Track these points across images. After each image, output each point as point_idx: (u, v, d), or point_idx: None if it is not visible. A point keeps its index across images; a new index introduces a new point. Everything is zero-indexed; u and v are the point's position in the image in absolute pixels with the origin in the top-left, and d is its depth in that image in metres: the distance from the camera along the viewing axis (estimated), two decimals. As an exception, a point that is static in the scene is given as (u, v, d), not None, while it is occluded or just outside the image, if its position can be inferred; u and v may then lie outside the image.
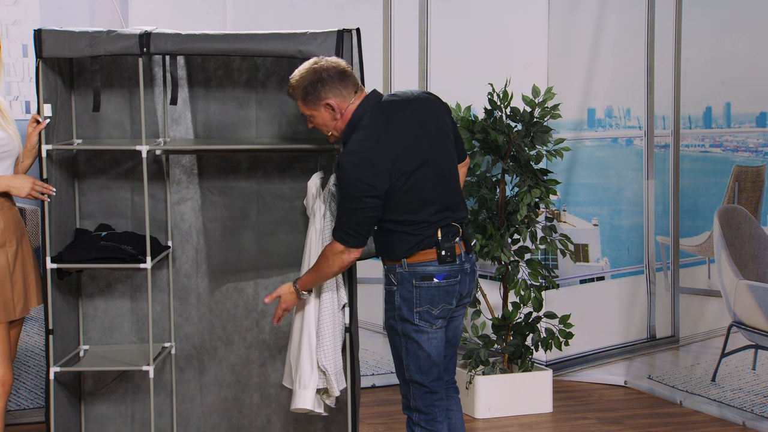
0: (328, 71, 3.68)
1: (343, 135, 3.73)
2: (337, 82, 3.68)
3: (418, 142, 3.68)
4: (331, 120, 3.72)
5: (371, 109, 3.70)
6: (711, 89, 5.40)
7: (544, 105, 5.24)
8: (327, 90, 3.68)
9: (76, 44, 4.09)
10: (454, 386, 3.96)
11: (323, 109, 3.71)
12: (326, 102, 3.69)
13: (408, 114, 3.71)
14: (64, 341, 4.39)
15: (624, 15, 5.75)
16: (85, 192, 4.59)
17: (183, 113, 4.61)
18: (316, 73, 3.69)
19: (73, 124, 4.53)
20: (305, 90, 3.69)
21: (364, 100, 3.72)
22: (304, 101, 3.71)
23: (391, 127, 3.67)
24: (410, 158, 3.65)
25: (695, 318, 5.54)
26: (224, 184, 4.65)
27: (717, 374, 5.36)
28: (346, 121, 3.71)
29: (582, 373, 5.95)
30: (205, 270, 4.68)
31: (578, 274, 5.89)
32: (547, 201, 5.26)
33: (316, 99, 3.69)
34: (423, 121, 3.72)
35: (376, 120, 3.68)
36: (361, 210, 3.61)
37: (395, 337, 3.80)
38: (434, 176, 3.70)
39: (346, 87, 3.70)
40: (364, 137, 3.64)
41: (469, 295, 3.85)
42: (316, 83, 3.68)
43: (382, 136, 3.65)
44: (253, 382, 4.71)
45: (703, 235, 5.47)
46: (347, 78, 3.71)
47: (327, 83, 3.68)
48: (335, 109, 3.69)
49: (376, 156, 3.61)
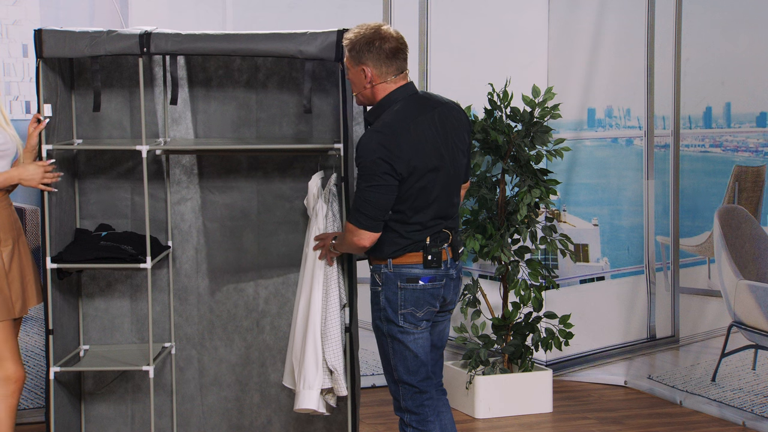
0: (383, 41, 3.69)
1: (370, 113, 3.77)
2: (384, 58, 3.70)
3: (438, 147, 3.71)
4: (360, 84, 3.75)
5: (404, 99, 3.72)
6: (711, 89, 5.40)
7: (544, 105, 5.24)
8: (370, 58, 3.69)
9: (77, 44, 4.10)
10: (441, 388, 3.96)
11: (358, 71, 3.72)
12: (363, 67, 3.71)
13: (436, 117, 3.74)
14: (64, 341, 4.39)
15: (624, 15, 5.75)
16: (85, 192, 4.59)
17: (183, 113, 4.61)
18: (372, 38, 3.70)
19: (74, 124, 4.53)
20: (353, 47, 3.71)
21: (401, 88, 3.73)
22: (348, 53, 3.74)
23: (419, 123, 3.69)
24: (428, 159, 3.67)
25: (695, 318, 5.54)
26: (224, 184, 4.65)
27: (717, 374, 5.36)
28: (377, 96, 3.74)
29: (582, 373, 5.95)
30: (206, 270, 4.68)
31: (578, 274, 5.89)
32: (547, 201, 5.26)
33: (357, 60, 3.71)
34: (446, 129, 3.75)
35: (408, 111, 3.70)
36: (378, 188, 3.61)
37: (381, 338, 3.82)
38: (442, 183, 3.73)
39: (389, 66, 3.71)
40: (393, 122, 3.65)
41: (453, 302, 3.88)
42: (364, 47, 3.69)
43: (411, 128, 3.66)
44: (254, 382, 4.71)
45: (703, 235, 5.47)
46: (396, 57, 3.72)
47: (373, 53, 3.69)
48: (367, 78, 3.71)
49: (401, 142, 3.63)
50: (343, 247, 3.92)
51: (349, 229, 3.72)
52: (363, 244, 3.71)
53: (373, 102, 3.76)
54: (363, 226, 3.67)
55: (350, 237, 3.73)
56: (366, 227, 3.67)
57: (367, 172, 3.62)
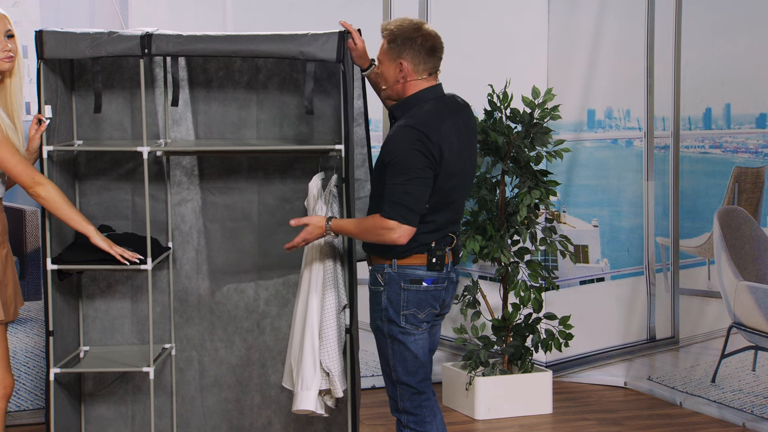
0: (425, 38, 3.70)
1: (398, 109, 3.75)
2: (424, 55, 3.70)
3: (461, 152, 3.72)
4: (393, 78, 3.73)
5: (434, 99, 3.73)
6: (711, 90, 5.41)
7: (544, 106, 5.25)
8: (411, 53, 3.69)
9: (78, 45, 4.09)
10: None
11: (395, 64, 3.72)
12: (401, 61, 3.70)
13: (460, 122, 3.75)
14: (64, 342, 4.39)
15: (624, 16, 5.76)
16: (85, 193, 4.59)
17: (184, 114, 4.61)
18: (416, 33, 3.69)
19: (74, 125, 4.53)
20: (395, 39, 3.70)
21: (432, 88, 3.74)
22: (386, 46, 3.73)
23: (448, 126, 3.69)
24: (452, 163, 3.68)
25: (695, 319, 5.55)
26: (225, 185, 4.65)
27: (717, 375, 5.37)
28: (407, 92, 3.73)
29: (582, 374, 5.96)
30: (206, 271, 4.68)
31: (578, 275, 5.90)
32: (546, 202, 5.27)
33: (396, 53, 3.70)
34: (469, 134, 3.78)
35: (439, 112, 3.70)
36: (419, 180, 3.58)
37: (381, 339, 3.81)
38: (461, 187, 3.74)
39: (426, 63, 3.71)
40: (426, 120, 3.64)
41: (449, 306, 3.87)
42: (406, 41, 3.69)
43: (442, 129, 3.66)
44: (254, 383, 4.72)
45: (703, 236, 5.48)
46: (434, 56, 3.72)
47: (415, 48, 3.69)
48: (402, 72, 3.71)
49: (435, 140, 3.62)
50: (358, 233, 3.74)
51: (389, 227, 3.60)
52: (402, 241, 3.63)
53: (401, 97, 3.76)
54: (406, 221, 3.59)
55: (389, 235, 3.61)
56: (409, 221, 3.60)
57: (405, 166, 3.58)
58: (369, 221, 3.68)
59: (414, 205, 3.60)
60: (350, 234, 3.81)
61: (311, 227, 3.87)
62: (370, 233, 3.68)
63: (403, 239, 3.62)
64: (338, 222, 3.83)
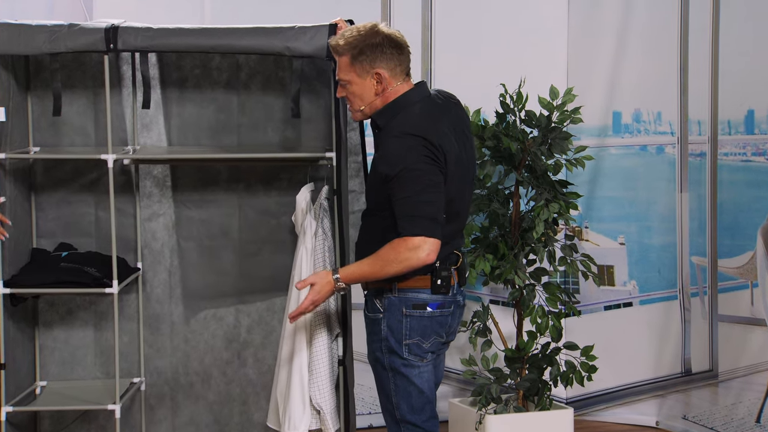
0: (389, 39, 3.65)
1: (380, 116, 3.68)
2: (396, 55, 3.66)
3: (460, 151, 3.70)
4: (371, 93, 3.67)
5: (421, 101, 3.69)
6: (753, 90, 5.41)
7: (564, 108, 5.25)
8: (384, 58, 3.64)
9: (34, 40, 4.11)
10: None
11: (370, 78, 3.65)
12: (377, 71, 3.64)
13: (454, 118, 3.74)
14: (17, 377, 4.39)
15: (654, 6, 5.77)
16: (43, 207, 4.60)
17: (155, 118, 4.64)
18: (377, 36, 3.64)
19: (30, 129, 4.55)
20: (361, 50, 3.62)
21: (417, 88, 3.71)
22: (352, 62, 3.64)
23: (445, 124, 3.66)
24: (455, 164, 3.65)
25: (736, 350, 5.53)
26: (201, 198, 4.67)
27: (762, 414, 5.36)
28: (387, 101, 3.68)
29: (607, 412, 5.94)
30: (180, 295, 4.69)
31: (602, 300, 5.89)
32: (566, 217, 5.26)
33: (369, 65, 3.64)
34: (464, 134, 3.76)
35: (432, 111, 3.67)
36: (432, 187, 3.54)
37: (381, 372, 3.78)
38: (463, 194, 3.72)
39: (401, 64, 3.67)
40: (420, 121, 3.61)
41: (455, 332, 3.84)
42: (376, 47, 3.62)
43: (440, 128, 3.63)
44: (234, 422, 4.72)
45: (745, 256, 5.47)
46: (403, 53, 3.69)
47: (386, 52, 3.64)
48: (381, 83, 3.65)
49: (437, 141, 3.58)
50: (377, 271, 3.57)
51: (414, 245, 3.50)
52: (431, 258, 3.53)
53: None
54: (431, 233, 3.51)
55: (416, 256, 3.50)
56: (434, 233, 3.51)
57: (415, 175, 3.53)
58: (386, 250, 3.56)
59: (435, 215, 3.55)
60: (367, 278, 3.65)
61: (318, 286, 3.71)
62: (392, 264, 3.55)
63: (432, 256, 3.54)
64: (348, 269, 3.70)
